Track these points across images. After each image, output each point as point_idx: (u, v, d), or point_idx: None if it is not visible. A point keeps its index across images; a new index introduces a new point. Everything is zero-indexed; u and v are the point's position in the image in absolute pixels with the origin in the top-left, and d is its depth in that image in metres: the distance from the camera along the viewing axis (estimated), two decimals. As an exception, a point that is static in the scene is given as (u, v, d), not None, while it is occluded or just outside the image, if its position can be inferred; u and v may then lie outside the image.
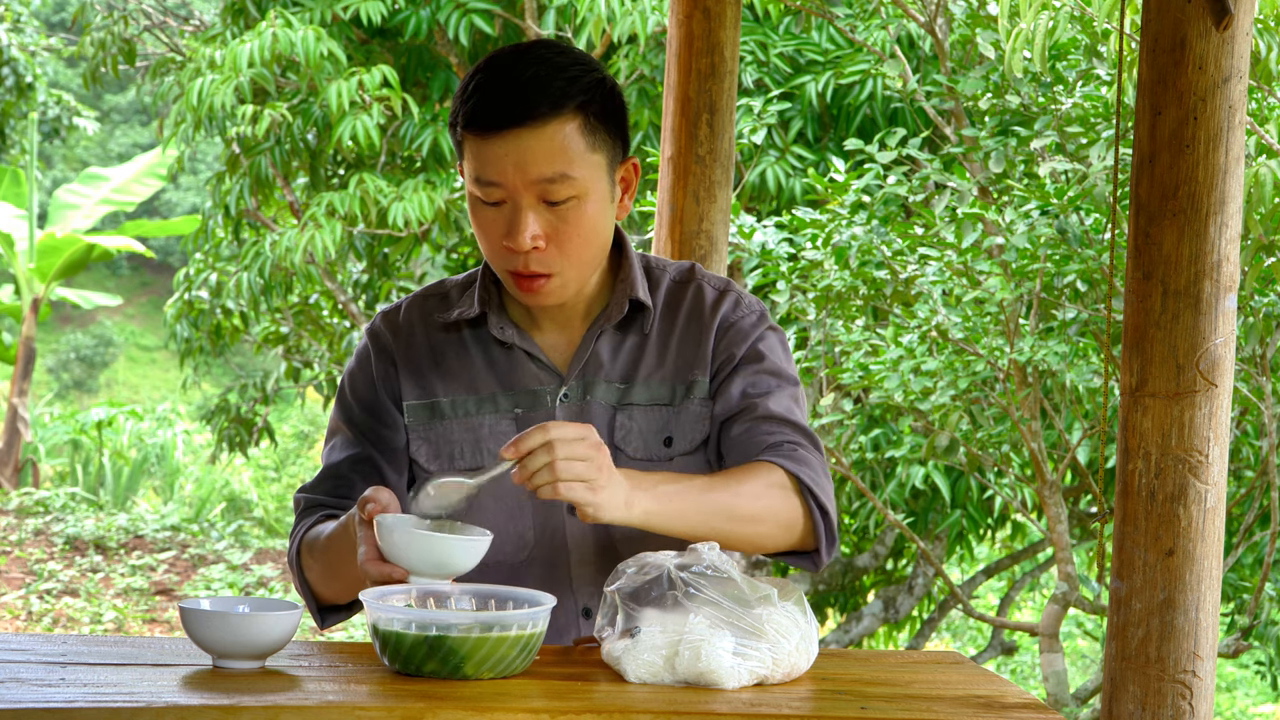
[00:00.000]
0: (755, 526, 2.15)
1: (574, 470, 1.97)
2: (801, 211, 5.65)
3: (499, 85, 2.15)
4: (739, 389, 2.28)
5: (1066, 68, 5.70)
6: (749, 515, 2.14)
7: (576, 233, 2.19)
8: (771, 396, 2.27)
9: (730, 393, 2.28)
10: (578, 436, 1.98)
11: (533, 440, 1.97)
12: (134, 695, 1.77)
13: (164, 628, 10.13)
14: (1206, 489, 2.30)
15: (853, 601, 8.14)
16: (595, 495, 1.99)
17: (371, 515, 2.05)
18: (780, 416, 2.26)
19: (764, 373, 2.29)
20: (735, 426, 2.26)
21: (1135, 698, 2.32)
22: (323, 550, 2.22)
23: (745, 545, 2.19)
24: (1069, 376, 5.09)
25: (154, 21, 10.15)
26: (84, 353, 25.08)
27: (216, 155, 13.59)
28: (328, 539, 2.21)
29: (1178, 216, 2.30)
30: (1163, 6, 2.30)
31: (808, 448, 2.25)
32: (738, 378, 2.28)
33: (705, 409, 2.29)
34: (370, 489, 2.11)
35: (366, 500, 2.08)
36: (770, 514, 2.17)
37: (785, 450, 2.22)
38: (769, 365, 2.30)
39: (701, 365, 2.30)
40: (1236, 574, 5.77)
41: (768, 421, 2.25)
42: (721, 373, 2.29)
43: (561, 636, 2.24)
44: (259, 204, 8.78)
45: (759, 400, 2.26)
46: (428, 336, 2.34)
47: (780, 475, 2.19)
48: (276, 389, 9.62)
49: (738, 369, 2.29)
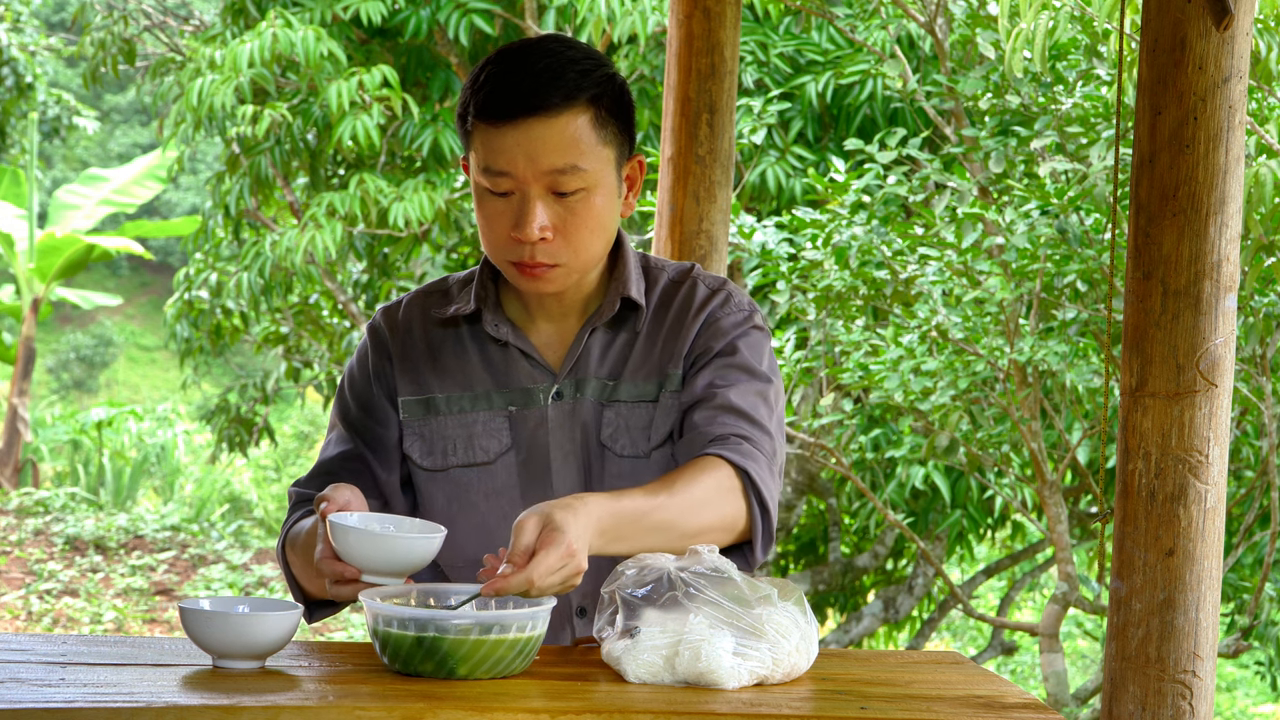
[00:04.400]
0: (700, 538, 2.13)
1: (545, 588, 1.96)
2: (801, 211, 5.65)
3: (512, 76, 2.16)
4: (706, 380, 2.26)
5: (1066, 68, 5.70)
6: (695, 531, 2.12)
7: (584, 225, 2.20)
8: (735, 389, 2.25)
9: (697, 383, 2.27)
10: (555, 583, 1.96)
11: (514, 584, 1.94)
12: (134, 695, 1.77)
13: (164, 628, 10.14)
14: (1206, 489, 2.30)
15: (853, 601, 8.14)
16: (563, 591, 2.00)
17: (325, 514, 2.06)
18: (739, 408, 2.24)
19: (734, 367, 2.28)
20: (695, 413, 2.25)
21: (1135, 698, 2.32)
22: (301, 545, 2.23)
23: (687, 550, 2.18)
24: (1069, 376, 5.09)
25: (154, 21, 10.15)
26: (84, 353, 25.08)
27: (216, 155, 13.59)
28: (305, 534, 2.22)
29: (1178, 216, 2.30)
30: (1163, 6, 2.30)
31: (758, 442, 2.22)
32: (707, 370, 2.27)
33: (674, 400, 2.28)
34: (329, 487, 2.12)
35: (322, 499, 2.09)
36: (716, 523, 2.16)
37: (733, 443, 2.20)
38: (741, 361, 2.28)
39: (677, 359, 2.29)
40: (1236, 574, 5.77)
41: (725, 412, 2.23)
42: (695, 365, 2.28)
43: (556, 636, 2.24)
44: (259, 204, 8.78)
45: (722, 390, 2.25)
46: (425, 332, 2.35)
47: (726, 474, 2.17)
48: (276, 389, 9.62)
49: (710, 362, 2.28)
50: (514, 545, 1.96)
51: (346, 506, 2.10)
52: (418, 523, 2.11)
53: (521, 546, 1.95)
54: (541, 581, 1.94)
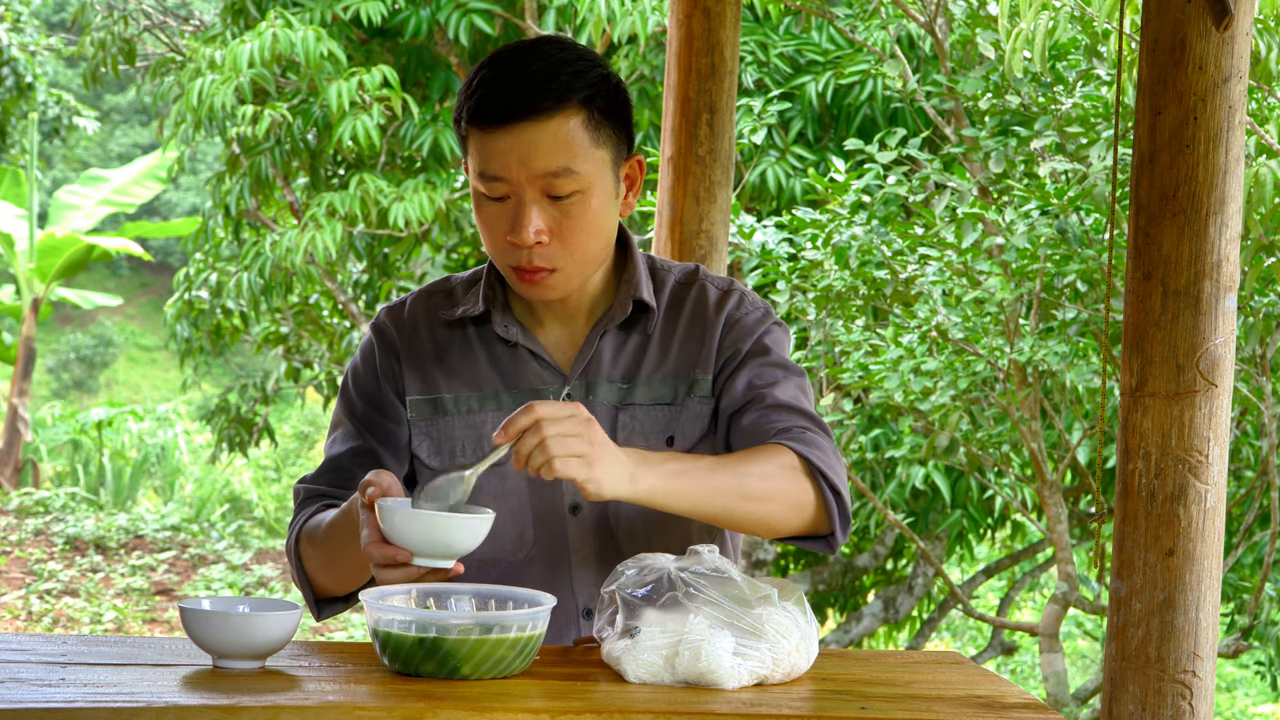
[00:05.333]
0: (765, 505, 2.12)
1: (567, 446, 1.96)
2: (801, 211, 5.65)
3: (504, 80, 2.16)
4: (745, 381, 2.27)
5: (1066, 68, 5.70)
6: (758, 494, 2.11)
7: (580, 227, 2.19)
8: (778, 386, 2.26)
9: (736, 386, 2.27)
10: (566, 414, 1.97)
11: (521, 421, 1.97)
12: (134, 695, 1.77)
13: (164, 628, 10.13)
14: (1206, 489, 2.30)
15: (853, 601, 8.14)
16: (593, 469, 1.98)
17: (372, 499, 2.05)
18: (788, 404, 2.25)
19: (770, 365, 2.29)
20: (744, 417, 2.25)
21: (1135, 698, 2.32)
22: (323, 538, 2.22)
23: (755, 526, 2.16)
24: (1069, 376, 5.09)
25: (154, 21, 10.15)
26: (84, 353, 25.08)
27: (216, 155, 13.60)
28: (328, 526, 2.21)
29: (1178, 216, 2.30)
30: (1163, 6, 2.30)
31: (816, 432, 2.23)
32: (744, 371, 2.28)
33: (705, 407, 2.28)
34: (371, 473, 2.10)
35: (368, 484, 2.07)
36: (780, 494, 2.14)
37: (795, 434, 2.20)
38: (774, 358, 2.30)
39: (705, 363, 2.29)
40: (1236, 574, 5.77)
41: (776, 410, 2.24)
42: (727, 368, 2.29)
43: (562, 636, 2.24)
44: (259, 204, 8.78)
45: (766, 390, 2.26)
46: (432, 332, 2.35)
47: (790, 457, 2.17)
48: (276, 389, 9.62)
49: (744, 363, 2.29)
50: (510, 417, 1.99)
51: (389, 491, 2.08)
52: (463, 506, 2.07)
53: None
54: (551, 413, 1.96)
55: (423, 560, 2.01)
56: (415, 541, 2.00)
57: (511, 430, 1.97)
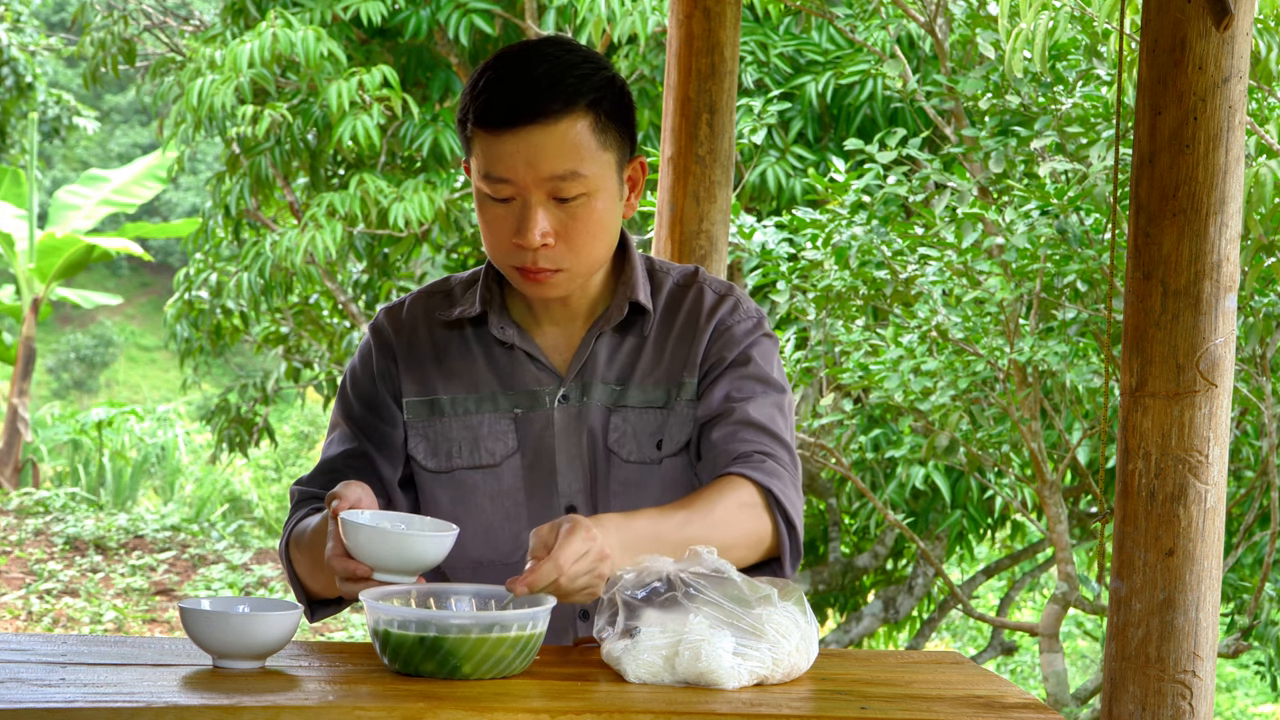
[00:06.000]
0: (731, 552, 2.12)
1: (578, 585, 1.97)
2: (801, 211, 5.65)
3: (510, 82, 2.15)
4: (723, 392, 2.27)
5: (1066, 68, 5.70)
6: (726, 544, 2.11)
7: (585, 229, 2.19)
8: (753, 402, 2.26)
9: (713, 395, 2.27)
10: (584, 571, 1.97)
11: (544, 581, 1.95)
12: (134, 695, 1.77)
13: (164, 628, 10.13)
14: (1206, 489, 2.30)
15: (853, 601, 8.14)
16: (597, 590, 2.00)
17: (337, 512, 2.05)
18: (758, 423, 2.24)
19: (749, 378, 2.28)
20: (714, 430, 2.25)
21: (1135, 698, 2.32)
22: (308, 543, 2.23)
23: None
24: (1069, 376, 5.09)
25: (154, 21, 10.15)
26: (84, 353, 25.08)
27: (216, 155, 13.59)
28: (312, 532, 2.22)
29: (1178, 216, 2.30)
30: (1163, 6, 2.30)
31: (780, 458, 2.23)
32: (723, 381, 2.27)
33: (690, 410, 2.28)
34: (340, 484, 2.10)
35: (334, 496, 2.08)
36: (743, 538, 2.16)
37: (755, 461, 2.20)
38: (756, 371, 2.29)
39: (691, 367, 2.29)
40: (1236, 574, 5.77)
41: (746, 428, 2.24)
42: (710, 375, 2.28)
43: (559, 638, 2.24)
44: (259, 204, 8.78)
45: (740, 405, 2.25)
46: (430, 333, 2.34)
47: (750, 492, 2.18)
48: (276, 389, 9.62)
49: (725, 372, 2.28)
50: (533, 546, 1.96)
51: (358, 504, 2.09)
52: (429, 521, 2.09)
53: (540, 542, 1.96)
54: (570, 568, 1.94)
55: (383, 575, 2.01)
56: (376, 557, 2.01)
57: (533, 583, 1.94)
